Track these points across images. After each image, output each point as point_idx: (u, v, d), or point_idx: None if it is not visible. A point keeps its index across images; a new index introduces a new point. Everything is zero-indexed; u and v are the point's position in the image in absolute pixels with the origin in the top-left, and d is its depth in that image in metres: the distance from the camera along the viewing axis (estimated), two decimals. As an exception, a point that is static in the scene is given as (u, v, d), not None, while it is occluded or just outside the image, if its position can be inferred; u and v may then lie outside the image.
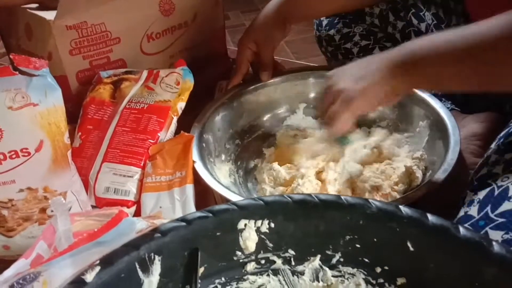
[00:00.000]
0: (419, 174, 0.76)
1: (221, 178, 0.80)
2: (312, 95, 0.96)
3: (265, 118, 0.96)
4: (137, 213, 0.75)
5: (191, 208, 0.71)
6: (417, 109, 0.85)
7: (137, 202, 0.76)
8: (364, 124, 0.89)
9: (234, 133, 0.92)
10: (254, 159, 0.89)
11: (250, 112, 0.95)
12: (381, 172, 0.78)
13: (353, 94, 0.65)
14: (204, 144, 0.83)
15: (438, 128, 0.80)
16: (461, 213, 0.54)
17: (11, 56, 0.64)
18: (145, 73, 0.90)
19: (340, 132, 0.70)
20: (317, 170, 0.80)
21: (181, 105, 0.85)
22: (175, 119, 0.84)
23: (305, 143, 0.86)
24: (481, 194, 0.54)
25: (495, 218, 0.50)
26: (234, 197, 0.68)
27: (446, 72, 0.58)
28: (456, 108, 0.89)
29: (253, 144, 0.93)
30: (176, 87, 0.87)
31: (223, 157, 0.88)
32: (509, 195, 0.52)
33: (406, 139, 0.86)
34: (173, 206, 0.72)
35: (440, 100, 0.88)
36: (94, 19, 0.94)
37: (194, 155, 0.78)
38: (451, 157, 0.70)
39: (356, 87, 0.65)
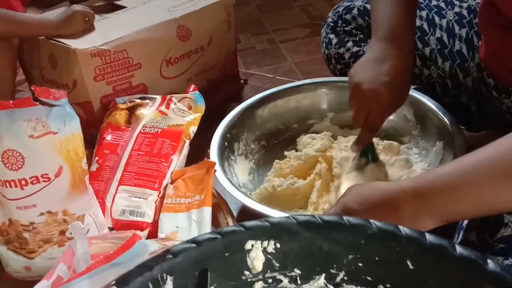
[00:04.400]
0: None
1: (240, 175, 0.85)
2: (341, 104, 0.98)
3: (292, 124, 1.00)
4: (154, 232, 0.77)
5: (207, 229, 0.74)
6: (435, 128, 0.89)
7: (154, 223, 0.78)
8: (388, 137, 0.93)
9: (260, 134, 0.97)
10: (275, 160, 0.93)
11: (279, 116, 0.99)
12: None
13: None
14: (226, 143, 0.88)
15: (451, 149, 0.82)
16: (461, 237, 0.56)
17: (32, 88, 0.67)
18: (159, 99, 0.94)
19: None
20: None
21: (193, 128, 0.89)
22: (187, 142, 0.88)
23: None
24: (478, 219, 0.55)
25: (494, 244, 0.52)
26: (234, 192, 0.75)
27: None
28: (462, 127, 0.91)
29: (278, 146, 0.98)
30: (188, 111, 0.90)
31: (246, 155, 0.92)
32: (505, 221, 0.53)
33: (423, 157, 0.89)
34: (190, 226, 0.75)
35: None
36: (117, 47, 0.98)
37: (213, 150, 0.84)
38: None
39: None
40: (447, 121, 0.86)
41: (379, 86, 0.72)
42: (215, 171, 0.81)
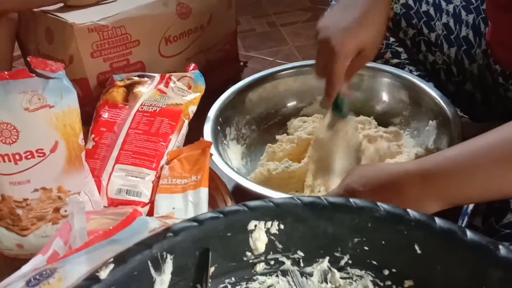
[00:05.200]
0: None
1: (233, 160, 0.84)
2: None
3: (282, 107, 1.00)
4: (150, 213, 0.76)
5: (204, 210, 0.72)
6: (428, 108, 0.89)
7: (150, 203, 0.77)
8: (378, 119, 0.94)
9: (251, 119, 0.96)
10: (267, 145, 0.93)
11: (269, 100, 0.99)
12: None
13: None
14: (219, 127, 0.87)
15: (445, 128, 0.83)
16: (466, 223, 0.55)
17: (28, 59, 0.65)
18: (157, 77, 0.92)
19: None
20: None
21: (192, 108, 0.87)
22: (186, 122, 0.86)
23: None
24: (484, 204, 0.55)
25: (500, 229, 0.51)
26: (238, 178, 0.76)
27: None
28: (465, 116, 0.90)
29: (268, 131, 0.97)
30: (188, 91, 0.89)
31: (237, 140, 0.92)
32: (511, 207, 0.52)
33: (415, 137, 0.90)
34: (186, 207, 0.73)
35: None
36: (115, 22, 0.96)
37: (207, 135, 0.83)
38: None
39: None
40: (441, 102, 0.86)
41: (333, 32, 0.70)
42: (211, 154, 0.80)
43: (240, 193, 0.76)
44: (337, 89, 0.75)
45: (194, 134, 0.88)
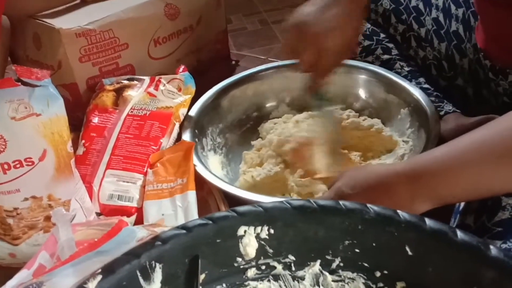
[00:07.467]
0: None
1: (214, 171, 0.83)
2: (298, 88, 0.97)
3: (252, 112, 0.99)
4: (140, 220, 0.75)
5: (194, 215, 0.71)
6: (397, 97, 0.90)
7: (140, 209, 0.76)
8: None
9: (224, 127, 0.95)
10: (243, 151, 0.92)
11: (238, 106, 0.98)
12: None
13: None
14: (196, 139, 0.86)
15: (418, 115, 0.84)
16: (458, 221, 0.54)
17: (13, 67, 0.65)
18: (147, 80, 0.91)
19: None
20: None
21: (183, 111, 0.86)
22: (177, 125, 0.85)
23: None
24: (476, 203, 0.54)
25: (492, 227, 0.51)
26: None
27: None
28: (457, 111, 0.89)
29: (242, 137, 0.96)
30: (178, 93, 0.88)
31: (214, 150, 0.91)
32: (502, 204, 0.52)
33: (389, 126, 0.91)
34: (175, 213, 0.73)
35: (442, 102, 0.89)
36: (102, 26, 0.95)
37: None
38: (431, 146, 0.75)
39: None
40: (409, 87, 0.87)
41: (329, 29, 0.72)
42: (195, 165, 0.78)
43: (229, 201, 0.75)
44: (324, 82, 0.80)
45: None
